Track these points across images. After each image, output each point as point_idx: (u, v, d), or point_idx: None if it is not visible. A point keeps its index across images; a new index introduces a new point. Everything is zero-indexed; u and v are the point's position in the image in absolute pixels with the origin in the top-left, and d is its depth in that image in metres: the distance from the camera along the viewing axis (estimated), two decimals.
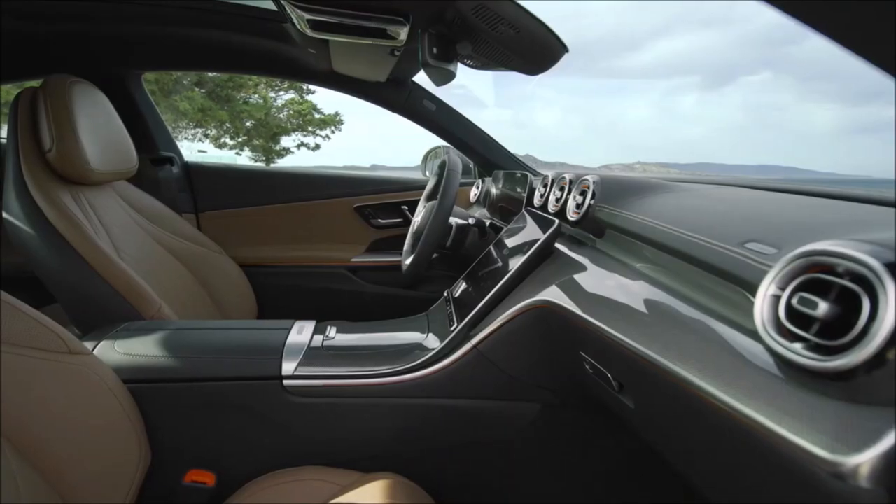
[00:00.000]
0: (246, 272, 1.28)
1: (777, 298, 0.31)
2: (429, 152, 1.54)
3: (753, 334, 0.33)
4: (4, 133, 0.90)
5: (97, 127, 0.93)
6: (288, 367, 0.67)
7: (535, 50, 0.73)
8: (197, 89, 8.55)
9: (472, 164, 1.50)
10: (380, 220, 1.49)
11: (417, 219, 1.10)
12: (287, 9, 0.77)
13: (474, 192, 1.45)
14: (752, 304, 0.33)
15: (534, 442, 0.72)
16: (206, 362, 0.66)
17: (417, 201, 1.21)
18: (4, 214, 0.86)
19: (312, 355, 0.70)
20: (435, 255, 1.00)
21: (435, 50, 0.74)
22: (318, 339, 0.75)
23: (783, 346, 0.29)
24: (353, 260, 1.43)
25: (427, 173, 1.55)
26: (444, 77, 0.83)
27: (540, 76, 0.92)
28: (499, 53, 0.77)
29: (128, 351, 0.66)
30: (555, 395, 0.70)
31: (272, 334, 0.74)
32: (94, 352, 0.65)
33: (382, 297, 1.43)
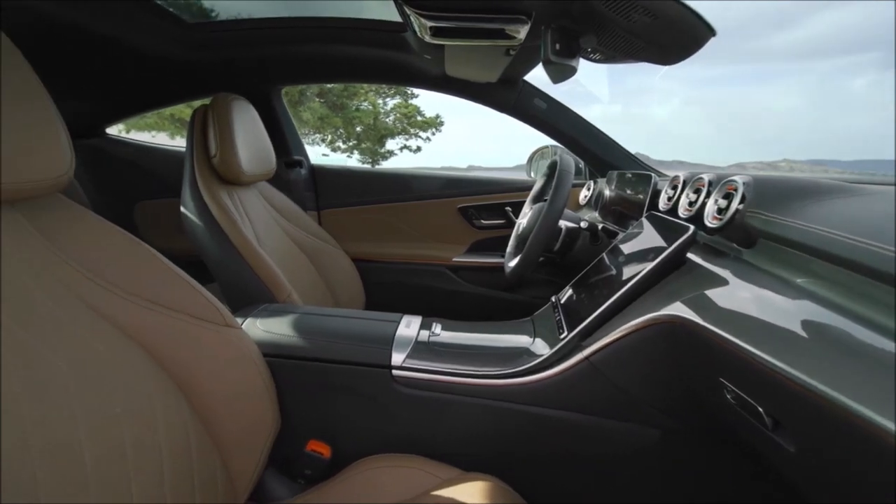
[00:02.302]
0: (356, 265, 1.39)
1: None
2: (535, 152, 1.50)
3: None
4: (183, 143, 1.10)
5: (248, 136, 1.09)
6: (397, 357, 0.70)
7: (673, 36, 0.66)
8: (317, 99, 9.60)
9: (582, 164, 1.43)
10: (482, 221, 1.50)
11: (523, 221, 1.08)
12: (411, 17, 0.81)
13: (584, 194, 1.37)
14: None
15: (644, 466, 0.65)
16: (327, 345, 0.73)
17: (522, 202, 1.18)
18: (182, 209, 1.05)
19: (420, 349, 0.73)
20: (540, 259, 0.97)
21: (557, 46, 0.71)
22: (424, 333, 0.78)
23: None
24: (454, 259, 1.46)
25: (533, 174, 1.51)
26: (564, 73, 0.79)
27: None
28: (629, 44, 0.70)
29: (266, 328, 0.76)
30: (677, 421, 0.62)
31: (383, 325, 0.78)
32: (242, 326, 0.75)
33: (482, 297, 1.43)
